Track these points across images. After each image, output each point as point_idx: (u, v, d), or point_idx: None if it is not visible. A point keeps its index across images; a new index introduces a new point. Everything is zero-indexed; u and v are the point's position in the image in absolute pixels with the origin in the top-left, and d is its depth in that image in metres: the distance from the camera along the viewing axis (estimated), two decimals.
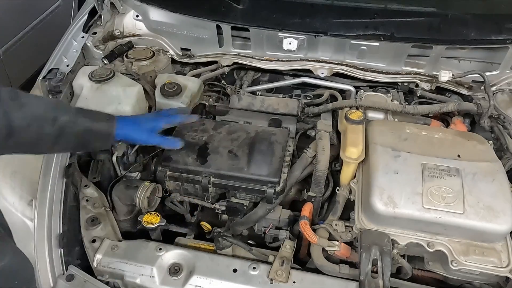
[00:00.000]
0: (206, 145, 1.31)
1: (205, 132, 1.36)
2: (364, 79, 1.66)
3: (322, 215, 1.38)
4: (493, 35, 1.48)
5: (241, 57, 1.74)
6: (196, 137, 1.34)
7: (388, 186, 1.10)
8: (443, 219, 1.05)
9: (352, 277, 1.12)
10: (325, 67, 1.66)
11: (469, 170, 1.12)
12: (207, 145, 1.31)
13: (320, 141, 1.33)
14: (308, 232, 1.14)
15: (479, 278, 1.13)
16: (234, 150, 1.28)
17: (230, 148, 1.29)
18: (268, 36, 1.63)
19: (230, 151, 1.28)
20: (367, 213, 1.13)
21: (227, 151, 1.28)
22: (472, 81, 1.63)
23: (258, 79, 1.86)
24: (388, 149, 1.19)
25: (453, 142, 1.22)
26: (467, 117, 1.57)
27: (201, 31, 1.71)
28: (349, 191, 1.27)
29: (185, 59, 1.80)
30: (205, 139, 1.33)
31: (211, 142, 1.32)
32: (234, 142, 1.32)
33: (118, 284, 1.14)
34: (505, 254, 1.06)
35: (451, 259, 1.05)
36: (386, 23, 1.52)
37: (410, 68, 1.65)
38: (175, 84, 1.51)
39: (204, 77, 1.73)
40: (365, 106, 1.45)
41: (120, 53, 1.73)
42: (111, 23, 1.81)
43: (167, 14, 1.70)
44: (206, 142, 1.32)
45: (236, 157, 1.26)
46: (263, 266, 1.12)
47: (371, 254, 1.05)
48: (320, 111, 1.51)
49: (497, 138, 1.42)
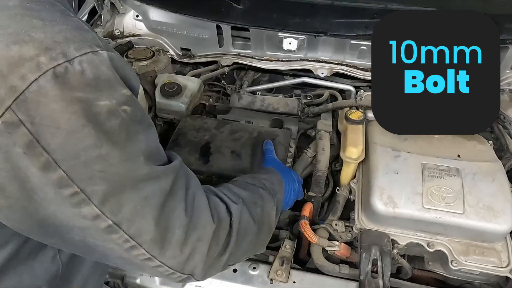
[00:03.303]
0: (209, 145, 1.30)
1: (207, 131, 1.35)
2: (364, 79, 1.66)
3: (322, 215, 1.38)
4: None
5: (241, 57, 1.74)
6: (198, 136, 1.33)
7: (388, 186, 1.10)
8: (443, 219, 1.05)
9: (352, 277, 1.12)
10: (325, 67, 1.66)
11: (469, 170, 1.12)
12: (209, 145, 1.30)
13: (320, 141, 1.33)
14: (308, 232, 1.14)
15: (479, 278, 1.13)
16: (237, 151, 1.27)
17: (233, 148, 1.28)
18: (268, 36, 1.63)
19: (233, 151, 1.27)
20: (367, 213, 1.13)
21: (230, 151, 1.27)
22: None
23: (258, 79, 1.86)
24: (388, 149, 1.19)
25: (453, 142, 1.22)
26: None
27: (201, 31, 1.71)
28: (349, 191, 1.27)
29: (185, 59, 1.80)
30: (207, 138, 1.32)
31: (213, 141, 1.31)
32: (237, 142, 1.30)
33: (118, 284, 1.14)
34: (505, 254, 1.06)
35: (451, 259, 1.05)
36: None
37: None
38: (175, 84, 1.51)
39: (204, 77, 1.73)
40: (365, 106, 1.45)
41: (120, 53, 1.72)
42: (111, 23, 1.81)
43: (167, 14, 1.70)
44: (209, 141, 1.31)
45: (239, 158, 1.25)
46: (263, 266, 1.12)
47: (371, 254, 1.05)
48: (320, 111, 1.51)
49: (497, 138, 1.43)
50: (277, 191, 0.99)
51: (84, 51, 0.55)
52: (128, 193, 0.61)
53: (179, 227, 0.67)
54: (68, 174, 0.55)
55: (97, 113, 0.56)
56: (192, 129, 1.36)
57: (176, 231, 0.67)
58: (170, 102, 1.50)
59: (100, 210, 0.59)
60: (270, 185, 0.97)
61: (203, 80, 1.68)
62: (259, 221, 0.86)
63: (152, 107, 1.55)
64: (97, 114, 0.56)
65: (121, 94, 0.60)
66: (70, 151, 0.55)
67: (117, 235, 0.62)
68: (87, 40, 0.57)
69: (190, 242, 0.69)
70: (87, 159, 0.56)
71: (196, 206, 0.72)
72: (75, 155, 0.55)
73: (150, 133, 0.67)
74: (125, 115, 0.60)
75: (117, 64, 0.60)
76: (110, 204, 0.59)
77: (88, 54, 0.56)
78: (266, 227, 0.91)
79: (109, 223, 0.60)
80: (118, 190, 0.60)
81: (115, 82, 0.59)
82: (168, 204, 0.66)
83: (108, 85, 0.58)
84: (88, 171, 0.56)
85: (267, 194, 0.93)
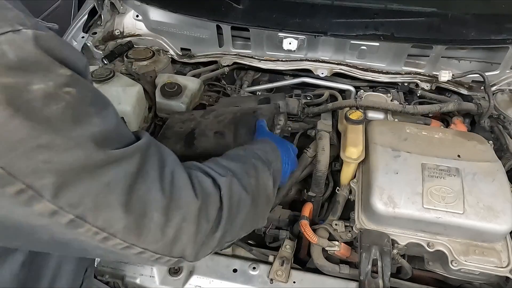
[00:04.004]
0: (193, 131, 1.29)
1: (193, 121, 1.34)
2: (364, 79, 1.66)
3: (322, 215, 1.38)
4: (493, 35, 1.47)
5: (241, 57, 1.74)
6: (184, 127, 1.32)
7: (388, 186, 1.10)
8: (443, 219, 1.05)
9: (352, 277, 1.13)
10: (325, 67, 1.66)
11: (469, 170, 1.12)
12: (194, 131, 1.29)
13: (320, 141, 1.33)
14: (308, 232, 1.14)
15: (479, 278, 1.13)
16: (220, 130, 1.25)
17: (216, 129, 1.26)
18: (268, 36, 1.63)
19: (216, 131, 1.25)
20: (367, 213, 1.13)
21: (213, 132, 1.25)
22: (472, 81, 1.63)
23: (258, 79, 1.86)
24: (388, 149, 1.19)
25: (453, 142, 1.22)
26: (467, 117, 1.56)
27: (201, 31, 1.71)
28: (349, 191, 1.27)
29: (185, 59, 1.80)
30: (192, 126, 1.31)
31: (198, 127, 1.30)
32: (220, 123, 1.28)
33: (118, 284, 1.14)
34: (505, 254, 1.06)
35: (451, 259, 1.05)
36: (386, 23, 1.52)
37: (410, 68, 1.65)
38: (175, 84, 1.51)
39: (204, 77, 1.73)
40: (365, 106, 1.45)
41: (120, 53, 1.73)
42: (111, 23, 1.81)
43: (167, 14, 1.70)
44: (193, 128, 1.30)
45: (222, 136, 1.23)
46: (263, 266, 1.12)
47: (371, 254, 1.05)
48: (320, 111, 1.51)
49: (497, 138, 1.42)
50: (272, 160, 0.93)
51: (2, 30, 0.49)
52: (85, 183, 0.55)
53: (157, 209, 0.63)
54: (6, 169, 0.49)
55: (29, 100, 0.50)
56: (179, 122, 1.35)
57: (154, 214, 0.62)
58: (170, 102, 1.50)
59: (56, 205, 0.53)
60: (263, 154, 0.92)
61: (203, 80, 1.68)
62: (253, 192, 0.81)
63: (152, 107, 1.56)
64: (30, 101, 0.50)
65: (58, 75, 0.53)
66: (3, 145, 0.49)
67: (84, 228, 0.57)
68: (7, 19, 0.51)
69: (174, 223, 0.65)
70: (26, 150, 0.50)
71: (176, 184, 0.67)
72: (9, 149, 0.49)
73: (107, 114, 0.61)
74: (69, 97, 0.54)
75: (49, 43, 0.53)
76: (66, 197, 0.54)
77: (7, 33, 0.49)
78: (263, 198, 0.86)
79: (71, 218, 0.55)
80: (72, 180, 0.54)
81: (48, 63, 0.53)
82: (139, 187, 0.61)
83: (39, 66, 0.52)
84: (31, 164, 0.50)
85: (260, 164, 0.88)
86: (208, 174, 0.76)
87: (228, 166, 0.81)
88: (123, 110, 1.38)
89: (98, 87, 1.42)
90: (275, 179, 0.91)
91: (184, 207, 0.66)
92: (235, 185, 0.77)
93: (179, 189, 0.67)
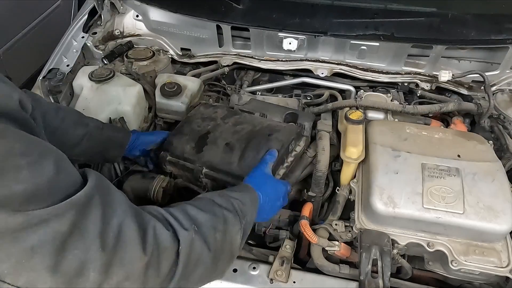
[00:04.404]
0: (207, 135, 1.28)
1: (213, 120, 1.33)
2: (364, 79, 1.67)
3: (322, 215, 1.38)
4: (493, 35, 1.48)
5: (241, 57, 1.74)
6: (202, 125, 1.32)
7: (388, 186, 1.10)
8: (443, 219, 1.04)
9: (352, 277, 1.12)
10: (325, 67, 1.66)
11: (469, 170, 1.12)
12: (208, 135, 1.28)
13: (320, 141, 1.33)
14: (308, 232, 1.14)
15: (479, 278, 1.12)
16: (231, 143, 1.25)
17: (229, 140, 1.26)
18: (268, 36, 1.63)
19: (228, 143, 1.25)
20: (367, 213, 1.13)
21: (225, 143, 1.25)
22: (472, 81, 1.63)
23: (258, 79, 1.86)
24: (388, 149, 1.19)
25: (453, 142, 1.22)
26: (467, 117, 1.57)
27: (201, 31, 1.71)
28: (349, 191, 1.27)
29: (185, 59, 1.81)
30: (209, 128, 1.30)
31: (213, 132, 1.29)
32: (236, 134, 1.27)
33: None
34: (505, 254, 1.06)
35: (451, 259, 1.05)
36: (386, 23, 1.52)
37: (410, 68, 1.65)
38: (175, 84, 1.52)
39: (204, 77, 1.73)
40: (365, 106, 1.45)
41: (120, 53, 1.73)
42: (111, 23, 1.81)
43: (167, 14, 1.70)
44: (209, 131, 1.29)
45: (231, 151, 1.23)
46: (263, 266, 1.12)
47: (371, 254, 1.05)
48: (320, 111, 1.51)
49: (497, 138, 1.43)
50: (247, 213, 0.91)
51: None
52: (4, 247, 0.52)
53: (95, 268, 0.58)
54: None
55: None
56: (199, 118, 1.35)
57: (91, 274, 0.58)
58: (170, 102, 1.50)
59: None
60: (239, 205, 0.89)
61: (203, 80, 1.68)
62: (216, 248, 0.78)
63: (152, 107, 1.56)
64: None
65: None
66: None
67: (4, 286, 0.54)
68: None
69: (114, 281, 0.60)
70: None
71: (122, 239, 0.62)
72: None
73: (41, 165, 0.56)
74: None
75: None
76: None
77: None
78: (226, 254, 0.83)
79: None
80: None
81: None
82: (74, 246, 0.56)
83: None
84: None
85: (232, 217, 0.85)
86: (170, 224, 0.73)
87: (196, 217, 0.78)
88: (123, 110, 1.38)
89: (98, 87, 1.42)
90: (245, 231, 0.89)
91: (128, 264, 0.62)
92: (197, 241, 0.74)
93: (124, 245, 0.62)
